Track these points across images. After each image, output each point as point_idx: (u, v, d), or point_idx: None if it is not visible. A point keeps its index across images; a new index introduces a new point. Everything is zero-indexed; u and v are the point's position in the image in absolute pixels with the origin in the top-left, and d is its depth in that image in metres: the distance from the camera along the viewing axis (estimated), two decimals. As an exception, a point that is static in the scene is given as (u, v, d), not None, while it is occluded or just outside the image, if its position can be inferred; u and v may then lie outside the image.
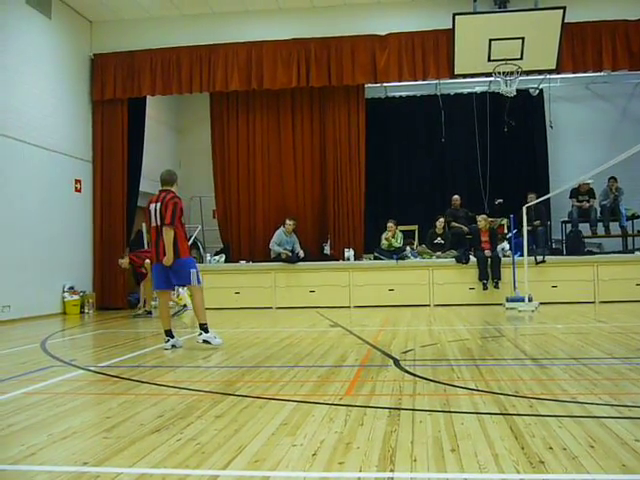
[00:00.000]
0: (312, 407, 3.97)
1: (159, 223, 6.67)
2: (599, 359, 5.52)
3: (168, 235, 6.59)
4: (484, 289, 11.66)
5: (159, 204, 6.71)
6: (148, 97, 13.45)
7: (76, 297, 12.03)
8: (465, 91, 14.94)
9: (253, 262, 12.81)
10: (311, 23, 12.67)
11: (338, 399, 4.20)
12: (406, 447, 3.09)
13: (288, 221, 12.58)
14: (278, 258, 12.36)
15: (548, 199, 12.23)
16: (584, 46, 12.04)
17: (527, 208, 10.77)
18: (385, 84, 13.89)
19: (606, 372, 4.88)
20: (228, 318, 10.51)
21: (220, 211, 13.93)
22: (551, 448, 2.99)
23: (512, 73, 11.59)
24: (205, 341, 6.87)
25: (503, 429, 3.34)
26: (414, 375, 4.96)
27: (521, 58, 11.51)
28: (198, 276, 6.85)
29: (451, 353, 6.13)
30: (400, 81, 12.85)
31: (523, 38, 11.43)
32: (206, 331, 6.88)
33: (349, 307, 11.92)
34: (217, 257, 13.03)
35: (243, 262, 12.81)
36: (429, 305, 11.73)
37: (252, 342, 7.34)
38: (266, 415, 3.81)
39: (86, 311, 12.14)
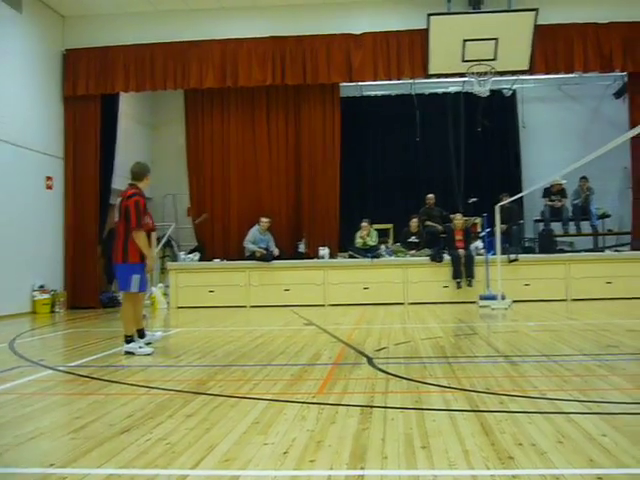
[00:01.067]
0: (284, 406, 3.96)
1: (117, 219, 6.44)
2: (569, 356, 5.58)
3: (139, 239, 6.30)
4: (458, 287, 11.73)
5: (119, 199, 6.50)
6: (122, 94, 13.31)
7: (46, 296, 11.83)
8: (439, 91, 15.01)
9: (227, 260, 12.75)
10: (287, 21, 12.64)
11: (310, 397, 4.19)
12: (377, 445, 3.09)
13: (263, 219, 12.54)
14: (253, 256, 12.31)
15: (521, 198, 12.33)
16: (556, 48, 12.16)
17: (500, 207, 10.85)
18: (360, 83, 13.91)
19: (576, 369, 4.93)
20: (202, 317, 10.45)
21: (194, 209, 13.85)
22: (520, 444, 3.01)
23: (486, 73, 11.67)
24: (128, 352, 6.32)
25: (474, 426, 3.36)
26: (387, 373, 4.96)
27: (494, 59, 11.60)
28: (141, 283, 6.42)
29: (424, 351, 6.15)
30: (375, 80, 12.89)
31: (496, 39, 11.51)
32: (130, 342, 6.38)
33: (324, 305, 11.92)
34: (191, 255, 12.94)
35: (217, 260, 12.74)
36: (403, 303, 11.77)
37: (225, 341, 7.29)
38: (238, 414, 3.79)
39: (57, 310, 11.94)
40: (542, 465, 2.72)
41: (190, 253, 13.10)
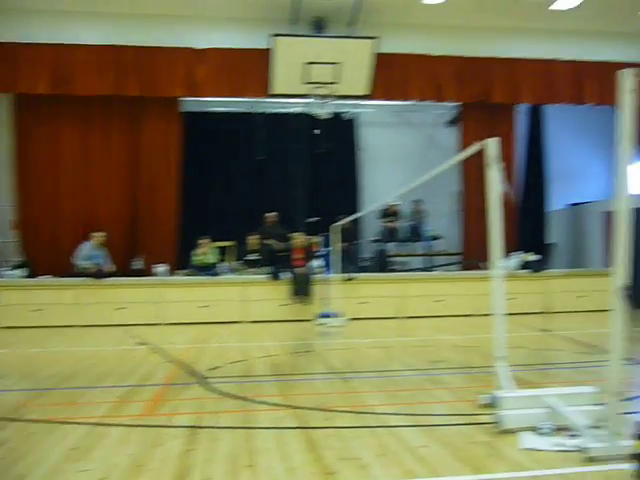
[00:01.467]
0: (107, 429, 3.72)
1: None
2: (399, 371, 5.75)
3: None
4: (296, 305, 11.81)
5: None
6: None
7: None
8: (283, 111, 15.19)
9: (57, 277, 11.96)
10: (127, 30, 12.20)
11: (136, 420, 3.97)
12: (202, 465, 2.98)
13: (96, 234, 11.92)
14: (85, 273, 11.65)
15: (359, 219, 12.70)
16: (394, 76, 12.72)
17: (338, 227, 11.10)
18: (206, 98, 13.72)
19: (404, 383, 5.08)
20: (27, 337, 9.70)
21: (20, 222, 12.88)
22: (344, 458, 3.01)
23: (327, 96, 11.96)
24: None
25: (301, 443, 3.32)
26: (219, 392, 4.83)
27: (336, 82, 11.92)
28: None
29: (259, 369, 6.08)
30: (218, 96, 12.78)
31: (338, 63, 11.86)
32: None
33: (160, 324, 11.51)
34: (16, 271, 12.01)
35: (45, 277, 11.91)
36: (242, 322, 11.65)
37: (50, 362, 6.79)
38: (55, 440, 3.50)
39: None
40: (363, 478, 2.73)
41: (15, 269, 12.16)
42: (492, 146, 3.93)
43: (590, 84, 13.18)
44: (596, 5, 12.16)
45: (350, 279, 11.95)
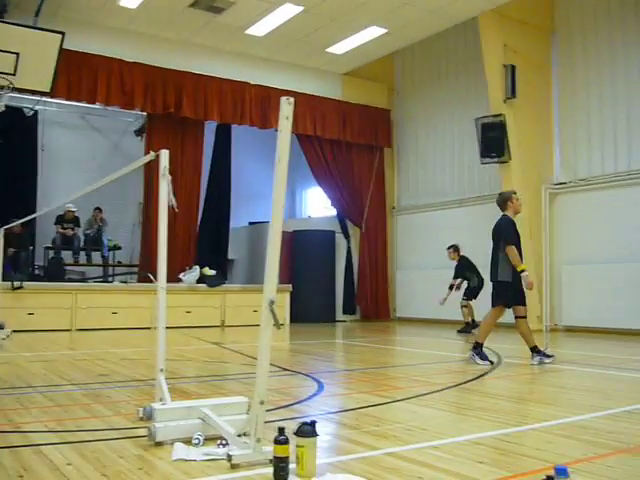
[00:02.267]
0: None
1: None
2: (57, 386, 5.40)
3: None
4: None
5: None
6: None
7: None
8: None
9: None
10: None
11: None
12: None
13: None
14: None
15: (34, 224, 11.83)
16: (81, 76, 12.17)
17: (8, 231, 10.18)
18: None
19: (61, 399, 4.79)
20: None
21: None
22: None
23: (2, 87, 10.93)
24: None
25: None
26: None
27: (14, 74, 10.95)
28: None
29: None
30: None
31: (18, 53, 10.92)
32: None
33: None
34: None
35: None
36: None
37: None
38: None
39: None
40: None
41: None
42: (164, 157, 3.93)
43: (274, 109, 14.12)
44: (287, 36, 13.07)
45: (17, 288, 11.03)
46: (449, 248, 12.52)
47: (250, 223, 16.72)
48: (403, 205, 16.30)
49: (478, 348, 7.15)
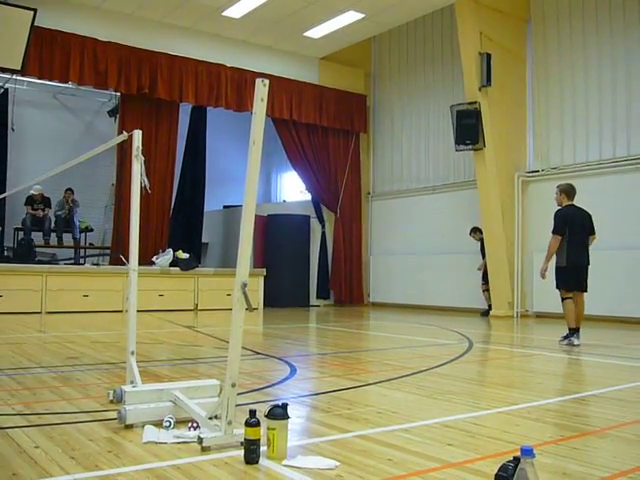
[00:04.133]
0: None
1: None
2: (26, 369, 5.34)
3: None
4: None
5: None
6: None
7: None
8: None
9: None
10: None
11: None
12: None
13: None
14: None
15: (4, 205, 11.63)
16: (53, 54, 11.93)
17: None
18: None
19: (29, 382, 4.74)
20: None
21: None
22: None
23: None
24: None
25: None
26: None
27: (-16, 50, 10.74)
28: None
29: None
30: None
31: (-11, 30, 10.70)
32: None
33: None
34: None
35: None
36: None
37: None
38: None
39: None
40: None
41: None
42: (136, 137, 3.88)
43: (250, 92, 14.01)
44: (264, 19, 12.94)
45: (-14, 269, 10.87)
46: (473, 231, 12.61)
47: (225, 207, 16.63)
48: (378, 191, 16.33)
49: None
